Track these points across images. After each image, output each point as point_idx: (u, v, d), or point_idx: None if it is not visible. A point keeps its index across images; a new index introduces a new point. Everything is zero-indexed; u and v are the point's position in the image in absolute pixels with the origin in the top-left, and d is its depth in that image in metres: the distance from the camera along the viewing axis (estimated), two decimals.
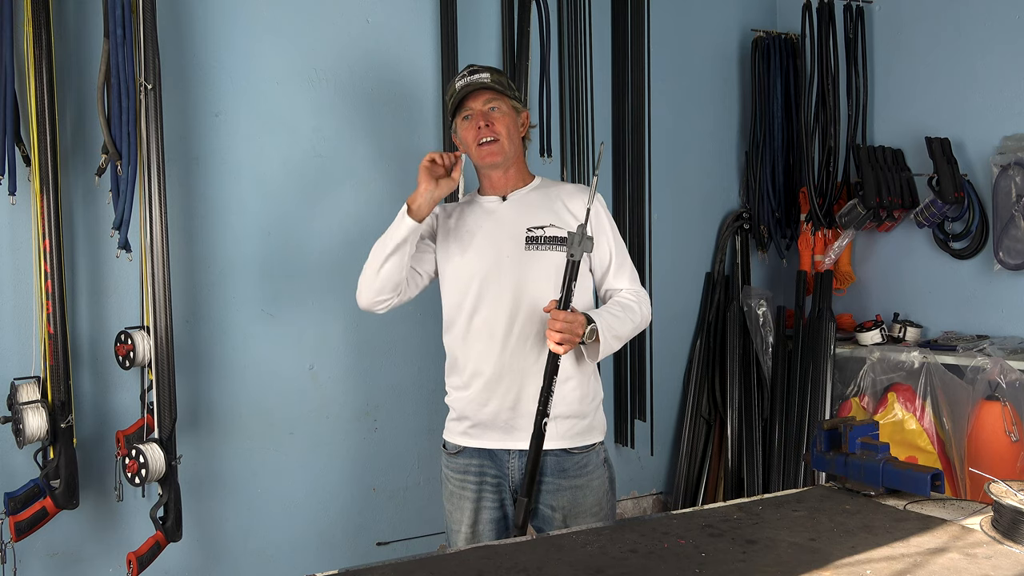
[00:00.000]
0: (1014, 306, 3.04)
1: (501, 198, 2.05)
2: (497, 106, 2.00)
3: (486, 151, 1.98)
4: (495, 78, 2.00)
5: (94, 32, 2.37)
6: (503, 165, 2.02)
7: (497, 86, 2.00)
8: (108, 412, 2.45)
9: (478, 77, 1.99)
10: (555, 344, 1.80)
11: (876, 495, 1.59)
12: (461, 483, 2.00)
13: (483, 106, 1.99)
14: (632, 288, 2.05)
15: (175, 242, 2.48)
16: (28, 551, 2.32)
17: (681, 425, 3.65)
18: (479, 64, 2.06)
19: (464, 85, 1.99)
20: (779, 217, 3.72)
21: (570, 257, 1.82)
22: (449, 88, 2.06)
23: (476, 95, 1.99)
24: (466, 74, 2.01)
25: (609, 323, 1.89)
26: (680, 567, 1.29)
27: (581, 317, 1.83)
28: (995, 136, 3.05)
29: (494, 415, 1.95)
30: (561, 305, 1.81)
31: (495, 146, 1.98)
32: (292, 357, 2.74)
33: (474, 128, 1.98)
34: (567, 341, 1.80)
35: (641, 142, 3.39)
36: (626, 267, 2.06)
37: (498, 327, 1.95)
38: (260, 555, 2.69)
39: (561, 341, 1.79)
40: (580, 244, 1.82)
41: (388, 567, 1.33)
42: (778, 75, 3.66)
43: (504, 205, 2.04)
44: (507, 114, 2.01)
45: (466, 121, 2.01)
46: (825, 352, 3.34)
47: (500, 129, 1.98)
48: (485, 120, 1.97)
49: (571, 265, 1.82)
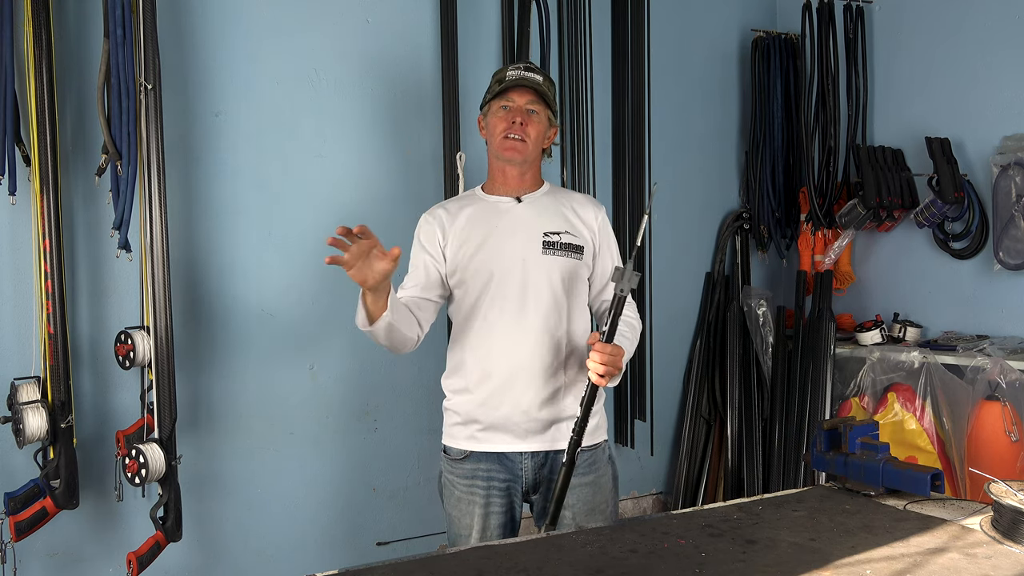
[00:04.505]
0: (1014, 306, 3.04)
1: (516, 199, 2.04)
2: (537, 111, 2.01)
3: (509, 145, 1.99)
4: (546, 85, 2.02)
5: (94, 32, 2.37)
6: (520, 165, 2.02)
7: (545, 94, 2.01)
8: (108, 412, 2.45)
9: (533, 76, 2.01)
10: (598, 376, 1.81)
11: (876, 495, 1.59)
12: (469, 489, 1.98)
13: (525, 104, 2.00)
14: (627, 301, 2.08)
15: (175, 242, 2.48)
16: (28, 551, 2.32)
17: (681, 425, 3.65)
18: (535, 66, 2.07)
19: (517, 78, 2.00)
20: (779, 217, 3.72)
21: (619, 292, 1.81)
22: (499, 72, 2.06)
23: (523, 91, 2.00)
24: (522, 68, 2.02)
25: (627, 350, 1.93)
26: (680, 567, 1.29)
27: (622, 350, 1.85)
28: (995, 136, 3.05)
29: (506, 417, 1.95)
30: (605, 338, 1.82)
31: (520, 145, 1.99)
32: (292, 357, 2.74)
33: (508, 120, 1.99)
34: (609, 374, 1.81)
35: (641, 142, 3.39)
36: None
37: (513, 328, 1.94)
38: (260, 555, 2.69)
39: (604, 374, 1.80)
40: (628, 280, 1.81)
41: (388, 567, 1.32)
42: (778, 75, 3.66)
43: (520, 207, 2.03)
44: (542, 122, 2.02)
45: (503, 110, 2.01)
46: (825, 352, 3.34)
47: (531, 132, 1.99)
48: (522, 119, 1.98)
49: (618, 300, 1.81)
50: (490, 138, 2.04)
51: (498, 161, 2.04)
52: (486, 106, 2.06)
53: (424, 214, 2.08)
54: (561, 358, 1.96)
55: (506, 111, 2.00)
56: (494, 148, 2.03)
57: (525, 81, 1.99)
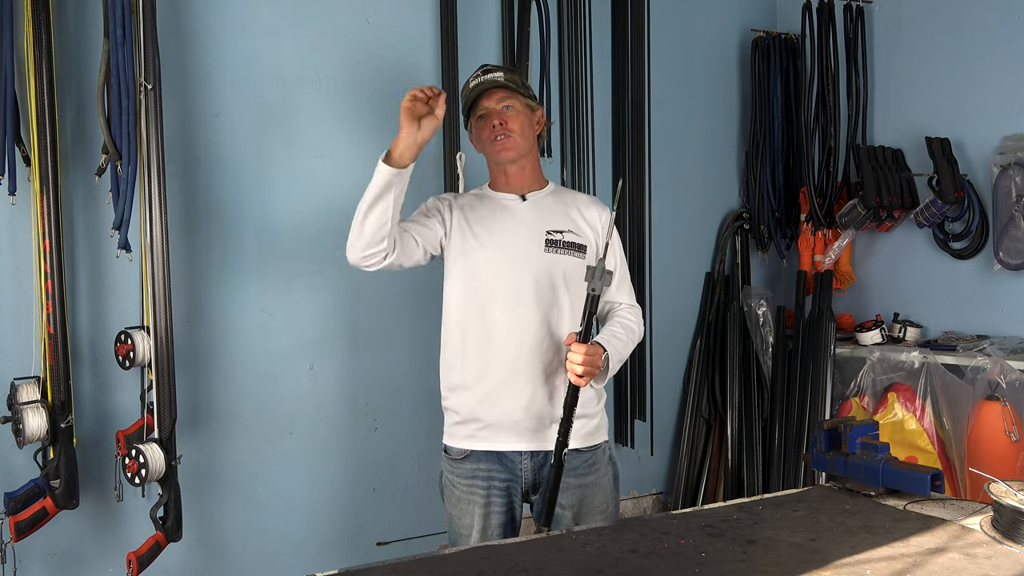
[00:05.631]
0: (1014, 306, 3.04)
1: (520, 197, 2.05)
2: (511, 104, 2.00)
3: (500, 146, 1.99)
4: (508, 76, 2.02)
5: (94, 32, 2.37)
6: (518, 160, 2.03)
7: (511, 84, 2.01)
8: (108, 412, 2.45)
9: (492, 76, 2.00)
10: (576, 377, 1.81)
11: (876, 495, 1.59)
12: (469, 488, 1.98)
13: (497, 104, 2.00)
14: (630, 303, 2.10)
15: (175, 242, 2.48)
16: (28, 551, 2.32)
17: (681, 425, 3.65)
18: (492, 63, 2.07)
19: (478, 84, 2.00)
20: (779, 217, 3.72)
21: (591, 291, 1.82)
22: (464, 88, 2.07)
23: (490, 94, 2.00)
24: (480, 73, 2.02)
25: (617, 349, 1.94)
26: (680, 567, 1.29)
27: (601, 349, 1.86)
28: (995, 136, 3.04)
29: (506, 416, 1.95)
30: (581, 338, 1.82)
31: (508, 141, 1.99)
32: (292, 357, 2.74)
33: (488, 127, 2.00)
34: (588, 374, 1.82)
35: (641, 142, 3.39)
36: (626, 283, 2.12)
37: (514, 326, 1.95)
38: (260, 555, 2.69)
39: (583, 374, 1.81)
40: (600, 279, 1.82)
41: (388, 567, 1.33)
42: (778, 75, 3.66)
43: (524, 204, 2.04)
44: (521, 112, 2.02)
45: (481, 120, 2.02)
46: (825, 352, 3.34)
47: (514, 127, 1.99)
48: (500, 119, 1.98)
49: (591, 299, 1.82)
50: (483, 149, 2.06)
51: (496, 165, 2.06)
52: (467, 124, 2.09)
53: (433, 197, 2.11)
54: (562, 356, 1.96)
55: (484, 119, 2.01)
56: (489, 155, 2.05)
57: (487, 84, 2.00)
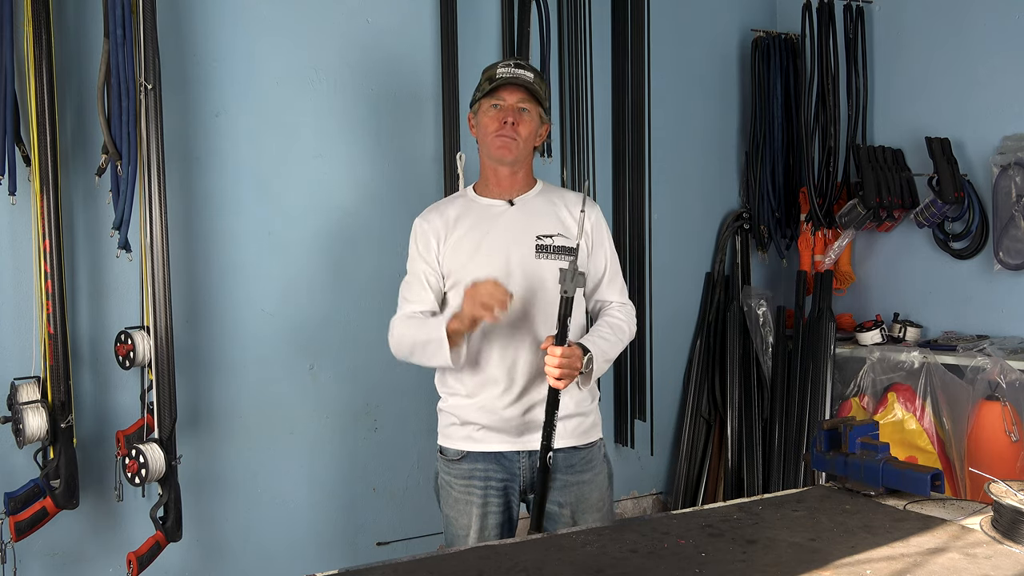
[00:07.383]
0: (1014, 306, 3.04)
1: (508, 202, 2.03)
2: (528, 109, 1.99)
3: (501, 144, 1.97)
4: (536, 83, 2.00)
5: (94, 32, 2.37)
6: (512, 164, 2.01)
7: (537, 92, 1.99)
8: (108, 412, 2.45)
9: (523, 74, 1.98)
10: (555, 380, 1.81)
11: (876, 495, 1.59)
12: (466, 489, 1.98)
13: (516, 103, 1.98)
14: (620, 301, 2.08)
15: (175, 242, 2.48)
16: (28, 551, 2.32)
17: (681, 425, 3.65)
18: (525, 62, 2.05)
19: (508, 76, 1.97)
20: (779, 217, 3.72)
21: (564, 293, 1.82)
22: (489, 69, 2.03)
23: (513, 90, 1.98)
24: (512, 65, 2.00)
25: (603, 349, 1.92)
26: (680, 567, 1.29)
27: (578, 351, 1.84)
28: (995, 136, 3.04)
29: (505, 419, 1.95)
30: (557, 340, 1.81)
31: (511, 143, 1.97)
32: (292, 357, 2.74)
33: (499, 120, 1.97)
34: (566, 376, 1.81)
35: (641, 142, 3.39)
36: (618, 280, 2.10)
37: (509, 331, 1.94)
38: (260, 555, 2.69)
39: (561, 376, 1.80)
40: (573, 280, 1.81)
41: (388, 567, 1.33)
42: (778, 75, 3.66)
43: (512, 210, 2.02)
44: (533, 120, 2.00)
45: (493, 109, 1.99)
46: (825, 352, 3.33)
47: (522, 131, 1.98)
48: (513, 118, 1.96)
49: (565, 301, 1.82)
50: (481, 137, 2.02)
51: (490, 161, 2.03)
52: (476, 104, 2.04)
53: (418, 219, 2.06)
54: None
55: (497, 110, 1.98)
56: (485, 147, 2.02)
57: (516, 79, 1.97)
